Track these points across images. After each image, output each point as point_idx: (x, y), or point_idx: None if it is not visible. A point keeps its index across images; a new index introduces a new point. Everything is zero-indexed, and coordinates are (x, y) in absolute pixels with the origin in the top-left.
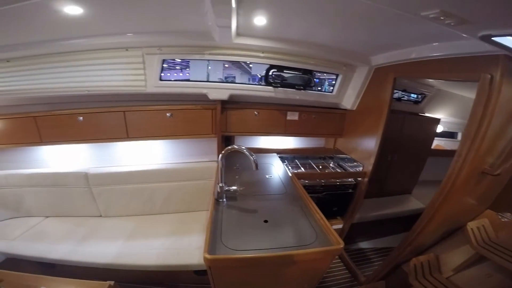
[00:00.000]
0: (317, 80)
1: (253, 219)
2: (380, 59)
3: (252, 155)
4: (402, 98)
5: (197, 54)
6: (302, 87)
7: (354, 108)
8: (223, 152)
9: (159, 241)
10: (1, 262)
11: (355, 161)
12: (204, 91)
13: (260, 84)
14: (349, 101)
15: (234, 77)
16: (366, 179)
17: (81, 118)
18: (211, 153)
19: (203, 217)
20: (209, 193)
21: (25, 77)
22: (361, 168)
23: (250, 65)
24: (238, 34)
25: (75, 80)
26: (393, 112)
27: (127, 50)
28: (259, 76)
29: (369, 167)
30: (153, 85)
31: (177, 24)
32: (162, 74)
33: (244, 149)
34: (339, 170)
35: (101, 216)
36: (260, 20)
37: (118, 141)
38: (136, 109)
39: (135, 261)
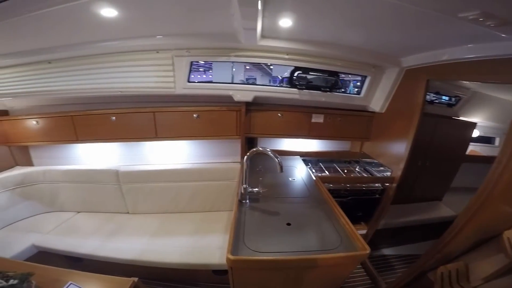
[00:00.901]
0: (341, 81)
1: (276, 221)
2: (411, 61)
3: (277, 157)
4: (434, 101)
5: (223, 56)
6: (328, 89)
7: (383, 111)
8: (248, 153)
9: (182, 239)
10: (33, 255)
11: (382, 165)
12: (230, 92)
13: (284, 86)
14: (377, 103)
15: (255, 78)
16: (394, 185)
17: (113, 118)
18: (234, 154)
19: (225, 217)
20: (231, 193)
21: (64, 78)
22: (389, 173)
23: (271, 67)
24: (263, 36)
25: (109, 81)
26: (425, 115)
27: (157, 52)
28: (280, 78)
29: (398, 173)
30: (181, 87)
31: (204, 26)
32: (192, 76)
33: (269, 151)
34: (365, 175)
35: (128, 212)
36: (285, 22)
37: (147, 140)
38: (165, 110)
39: (158, 258)
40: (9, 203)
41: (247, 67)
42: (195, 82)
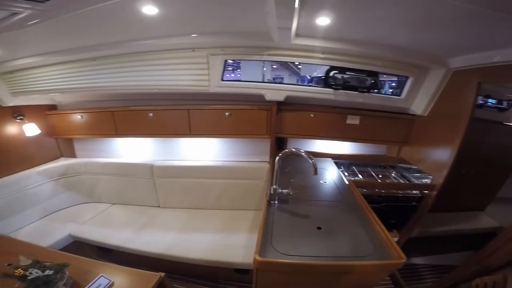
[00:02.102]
0: (370, 81)
1: (306, 224)
2: (460, 62)
3: (311, 159)
4: (483, 105)
5: (256, 54)
6: (366, 90)
7: (425, 114)
8: (280, 154)
9: (208, 236)
10: (69, 244)
11: (422, 172)
12: (262, 91)
13: (318, 86)
14: (419, 106)
15: (282, 78)
16: (434, 193)
17: (151, 114)
18: (263, 154)
19: (250, 216)
20: (258, 193)
21: (107, 75)
22: (429, 181)
23: (299, 66)
24: (298, 35)
25: (147, 78)
26: (474, 120)
27: (193, 50)
28: (309, 77)
29: (439, 180)
30: (215, 85)
31: (238, 24)
32: (228, 75)
33: (303, 152)
34: (401, 181)
35: (159, 206)
36: (323, 20)
37: (181, 137)
38: (199, 107)
39: (184, 254)
40: (52, 193)
41: (274, 66)
42: (228, 80)
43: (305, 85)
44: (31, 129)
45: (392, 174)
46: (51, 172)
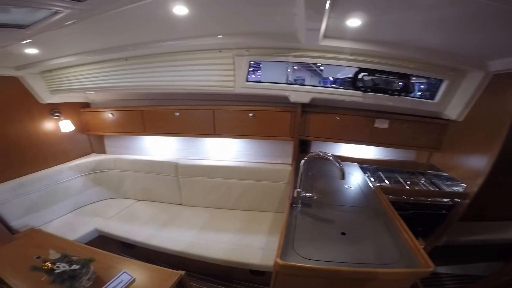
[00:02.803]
0: (402, 84)
1: (330, 229)
2: (501, 65)
3: (339, 163)
4: None
5: (281, 56)
6: (396, 93)
7: (461, 119)
8: (306, 157)
9: (227, 236)
10: (94, 238)
11: (454, 179)
12: (286, 93)
13: (345, 88)
14: (454, 110)
15: (304, 79)
16: (467, 201)
17: (177, 113)
18: (285, 156)
19: (269, 218)
20: (278, 195)
21: (137, 75)
22: (461, 189)
23: (321, 67)
24: (326, 36)
25: (175, 78)
26: None
27: (220, 51)
28: (332, 79)
29: (473, 188)
30: (240, 86)
31: (264, 25)
32: (253, 76)
33: (330, 156)
34: (431, 188)
35: (181, 204)
36: (354, 22)
37: (206, 137)
38: (223, 108)
39: (203, 252)
40: (82, 187)
41: (295, 68)
42: (253, 81)
43: (332, 87)
44: (66, 126)
45: (421, 181)
46: (82, 167)
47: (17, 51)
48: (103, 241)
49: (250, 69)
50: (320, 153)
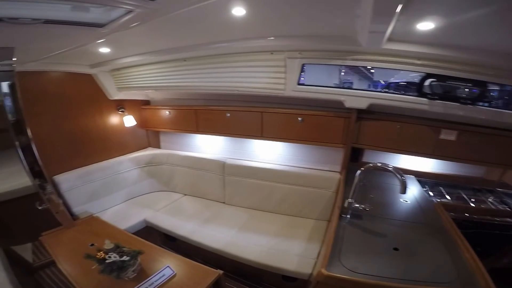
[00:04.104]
0: (477, 91)
1: (381, 243)
2: None
3: (402, 176)
4: None
5: (338, 59)
6: (469, 102)
7: None
8: (363, 168)
9: (265, 238)
10: (142, 229)
11: None
12: (342, 98)
13: (409, 94)
14: None
15: (351, 82)
16: None
17: (228, 114)
18: (332, 163)
19: (310, 225)
20: (322, 203)
21: (194, 75)
22: None
23: (372, 71)
24: (390, 39)
25: (229, 80)
26: None
27: (271, 53)
28: (383, 83)
29: None
30: (291, 89)
31: (320, 27)
32: (303, 79)
33: (391, 167)
34: (500, 207)
35: (224, 202)
36: (426, 25)
37: (253, 138)
38: (272, 110)
39: (239, 253)
40: (138, 178)
41: (343, 71)
42: (304, 85)
43: (394, 93)
44: (129, 121)
45: (489, 199)
46: (139, 160)
47: (92, 50)
48: (149, 232)
49: (302, 73)
50: (379, 164)
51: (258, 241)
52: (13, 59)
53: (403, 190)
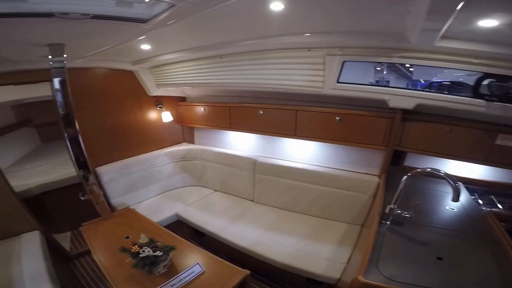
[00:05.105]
0: None
1: (423, 252)
2: None
3: (455, 183)
4: None
5: (383, 56)
6: None
7: None
8: (410, 173)
9: (293, 239)
10: (173, 222)
11: None
12: (386, 97)
13: (462, 95)
14: None
15: (388, 81)
16: None
17: (261, 111)
18: (370, 166)
19: (342, 229)
20: (357, 207)
21: (229, 72)
22: None
23: (411, 69)
24: (444, 36)
25: (263, 77)
26: None
27: (309, 50)
28: (424, 82)
29: None
30: (330, 87)
31: (363, 24)
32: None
33: (442, 173)
34: None
35: (253, 201)
36: (488, 22)
37: (286, 137)
38: (307, 109)
39: (266, 253)
40: (172, 172)
41: (378, 68)
42: (345, 83)
43: (444, 94)
44: (166, 116)
45: None
46: (174, 155)
47: (135, 47)
48: (179, 226)
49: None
50: (428, 169)
51: (285, 242)
52: (64, 55)
53: (456, 198)
